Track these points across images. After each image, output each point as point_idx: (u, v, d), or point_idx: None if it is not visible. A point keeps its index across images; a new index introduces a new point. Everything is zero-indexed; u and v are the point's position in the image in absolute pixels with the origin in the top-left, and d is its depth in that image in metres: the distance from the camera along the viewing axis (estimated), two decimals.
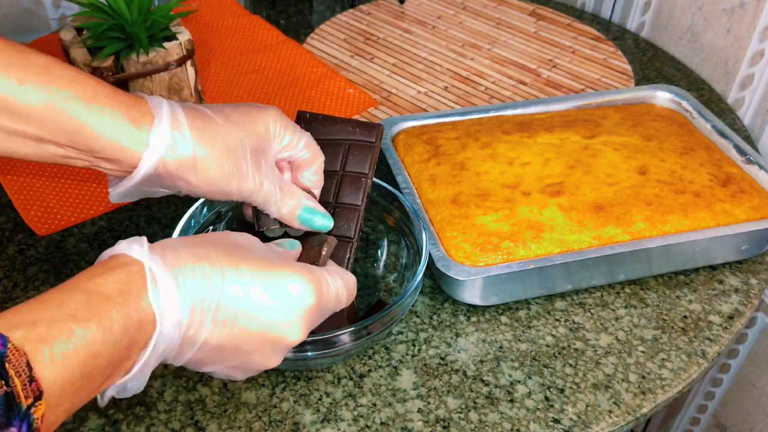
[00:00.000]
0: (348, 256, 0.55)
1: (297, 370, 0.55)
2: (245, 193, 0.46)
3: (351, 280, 0.47)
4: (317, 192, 0.52)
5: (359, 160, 0.55)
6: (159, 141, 0.42)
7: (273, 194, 0.48)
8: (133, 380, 0.37)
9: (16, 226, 0.67)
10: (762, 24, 0.82)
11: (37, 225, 0.67)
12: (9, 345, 0.29)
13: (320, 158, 0.52)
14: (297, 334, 0.42)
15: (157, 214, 0.69)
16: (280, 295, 0.40)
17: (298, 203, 0.49)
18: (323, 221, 0.50)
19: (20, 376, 0.29)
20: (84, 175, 0.72)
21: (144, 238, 0.38)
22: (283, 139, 0.49)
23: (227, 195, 0.46)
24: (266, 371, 0.55)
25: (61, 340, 0.32)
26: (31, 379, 0.30)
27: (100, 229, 0.67)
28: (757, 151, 0.82)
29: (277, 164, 0.51)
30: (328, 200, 0.55)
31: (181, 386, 0.54)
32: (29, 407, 0.29)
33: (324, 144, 0.55)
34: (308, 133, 0.51)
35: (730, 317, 0.60)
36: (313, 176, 0.52)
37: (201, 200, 0.57)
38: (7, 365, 0.29)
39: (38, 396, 0.30)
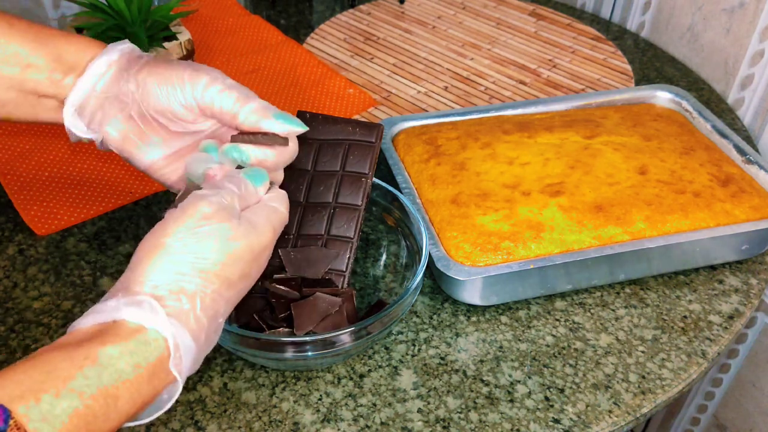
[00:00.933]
0: (348, 256, 0.55)
1: (297, 370, 0.55)
2: (202, 104, 0.45)
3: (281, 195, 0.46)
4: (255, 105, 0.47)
5: (359, 160, 0.55)
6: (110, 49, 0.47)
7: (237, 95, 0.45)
8: (145, 418, 0.37)
9: (16, 226, 0.67)
10: (762, 24, 0.82)
11: (37, 225, 0.67)
12: (11, 422, 0.29)
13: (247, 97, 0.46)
14: (257, 268, 0.43)
15: (157, 214, 0.69)
16: (256, 258, 0.43)
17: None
18: (298, 124, 0.46)
19: None
20: (84, 175, 0.72)
21: (155, 303, 0.37)
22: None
23: (183, 111, 0.46)
24: (266, 371, 0.55)
25: (63, 419, 0.31)
26: None
27: (100, 229, 0.67)
28: (757, 151, 0.82)
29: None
30: (328, 200, 0.55)
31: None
32: None
33: (324, 144, 0.55)
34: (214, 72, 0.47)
35: (730, 317, 0.60)
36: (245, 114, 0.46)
37: None
38: None
39: None
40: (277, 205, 0.45)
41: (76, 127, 0.48)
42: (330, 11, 1.06)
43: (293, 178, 0.55)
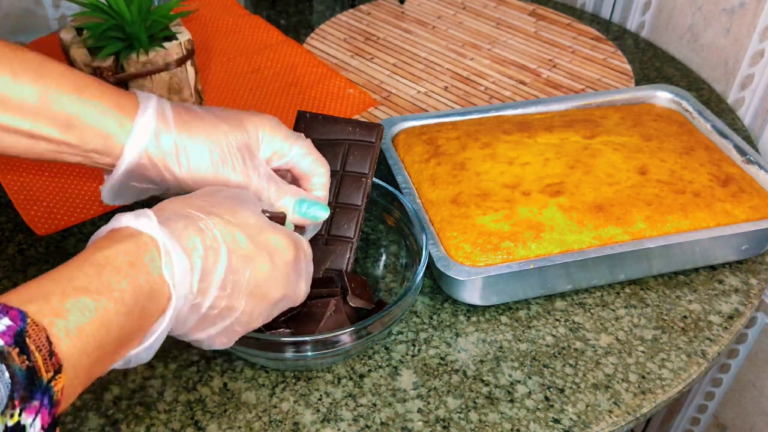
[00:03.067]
0: (348, 256, 0.55)
1: (297, 370, 0.55)
2: (234, 186, 0.46)
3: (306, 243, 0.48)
4: (324, 194, 0.51)
5: (359, 160, 0.55)
6: (143, 128, 0.43)
7: (264, 189, 0.47)
8: (145, 351, 0.38)
9: (16, 226, 0.67)
10: (762, 24, 0.82)
11: (37, 225, 0.67)
12: (28, 320, 0.30)
13: (323, 168, 0.50)
14: (283, 289, 0.44)
15: None
16: (270, 255, 0.42)
17: (293, 196, 0.49)
18: (322, 211, 0.50)
19: (40, 350, 0.29)
20: (84, 175, 0.72)
21: (150, 212, 0.39)
22: (273, 143, 0.48)
23: None
24: (266, 371, 0.55)
25: (75, 313, 0.32)
26: (51, 353, 0.30)
27: None
28: (757, 151, 0.82)
29: (277, 173, 0.50)
30: (328, 200, 0.55)
31: (181, 386, 0.54)
32: (50, 381, 0.30)
33: (324, 144, 0.55)
34: (308, 141, 0.50)
35: (730, 317, 0.60)
36: (319, 190, 0.51)
37: None
38: (27, 340, 0.29)
39: (58, 370, 0.30)
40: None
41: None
42: (330, 11, 1.06)
43: None
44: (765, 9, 0.81)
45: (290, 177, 0.51)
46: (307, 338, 0.48)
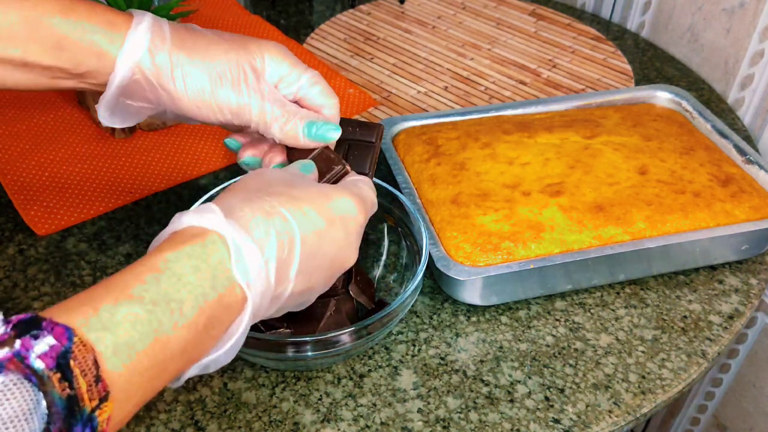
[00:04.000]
0: None
1: (297, 370, 0.55)
2: (234, 109, 0.44)
3: (368, 181, 0.46)
4: (335, 113, 0.49)
5: (359, 160, 0.55)
6: (135, 42, 0.41)
7: (269, 112, 0.44)
8: (224, 355, 0.35)
9: (16, 226, 0.67)
10: (762, 24, 0.82)
11: (37, 225, 0.67)
12: (75, 339, 0.27)
13: (333, 99, 0.48)
14: (355, 253, 0.42)
15: (157, 214, 0.69)
16: (342, 223, 0.40)
17: (302, 118, 0.46)
18: (333, 131, 0.47)
19: (86, 375, 0.26)
20: (84, 175, 0.72)
21: (213, 205, 0.36)
22: (280, 68, 0.45)
23: (216, 111, 0.43)
24: (266, 371, 0.55)
25: (126, 327, 0.29)
26: (98, 378, 0.27)
27: (100, 229, 0.67)
28: (757, 151, 0.82)
29: None
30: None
31: (181, 386, 0.54)
32: (93, 410, 0.27)
33: None
34: (317, 71, 0.47)
35: (730, 317, 0.60)
36: (329, 109, 0.48)
37: (201, 200, 0.57)
38: (72, 363, 0.26)
39: (104, 397, 0.27)
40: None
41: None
42: (330, 11, 1.06)
43: None
44: (765, 9, 0.81)
45: None
46: (307, 338, 0.48)
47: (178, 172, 0.74)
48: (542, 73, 0.92)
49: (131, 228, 0.67)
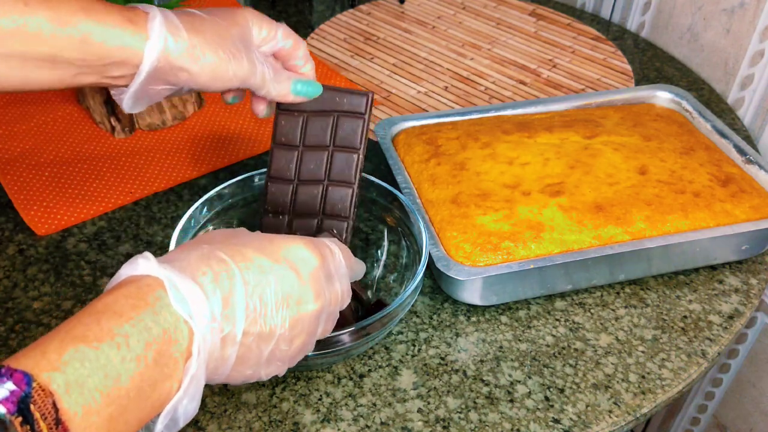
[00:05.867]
0: (345, 235, 0.54)
1: (297, 370, 0.55)
2: (242, 76, 0.50)
3: (345, 247, 0.47)
4: (312, 73, 0.55)
5: (349, 134, 0.53)
6: (157, 33, 0.46)
7: (267, 74, 0.51)
8: (187, 398, 0.35)
9: (16, 226, 0.67)
10: (762, 24, 0.82)
11: (37, 225, 0.67)
12: (34, 384, 0.28)
13: (302, 43, 0.55)
14: (317, 298, 0.41)
15: (157, 214, 0.69)
16: (291, 265, 0.40)
17: (288, 78, 0.53)
18: (316, 88, 0.54)
19: (45, 418, 0.27)
20: (84, 175, 0.72)
21: (146, 253, 0.37)
22: (261, 30, 0.52)
23: (227, 81, 0.49)
24: None
25: (74, 365, 0.30)
26: (58, 421, 0.28)
27: (100, 229, 0.67)
28: (757, 151, 0.82)
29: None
30: (320, 177, 0.54)
31: None
32: None
33: (311, 115, 0.54)
34: (284, 24, 0.55)
35: (730, 317, 0.60)
36: (301, 60, 0.55)
37: (201, 200, 0.57)
38: (32, 407, 0.27)
39: None
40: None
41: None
42: (330, 11, 1.06)
43: (282, 155, 0.54)
44: (765, 9, 0.81)
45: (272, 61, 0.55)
46: None
47: (178, 172, 0.74)
48: (542, 73, 0.92)
49: (131, 228, 0.67)
